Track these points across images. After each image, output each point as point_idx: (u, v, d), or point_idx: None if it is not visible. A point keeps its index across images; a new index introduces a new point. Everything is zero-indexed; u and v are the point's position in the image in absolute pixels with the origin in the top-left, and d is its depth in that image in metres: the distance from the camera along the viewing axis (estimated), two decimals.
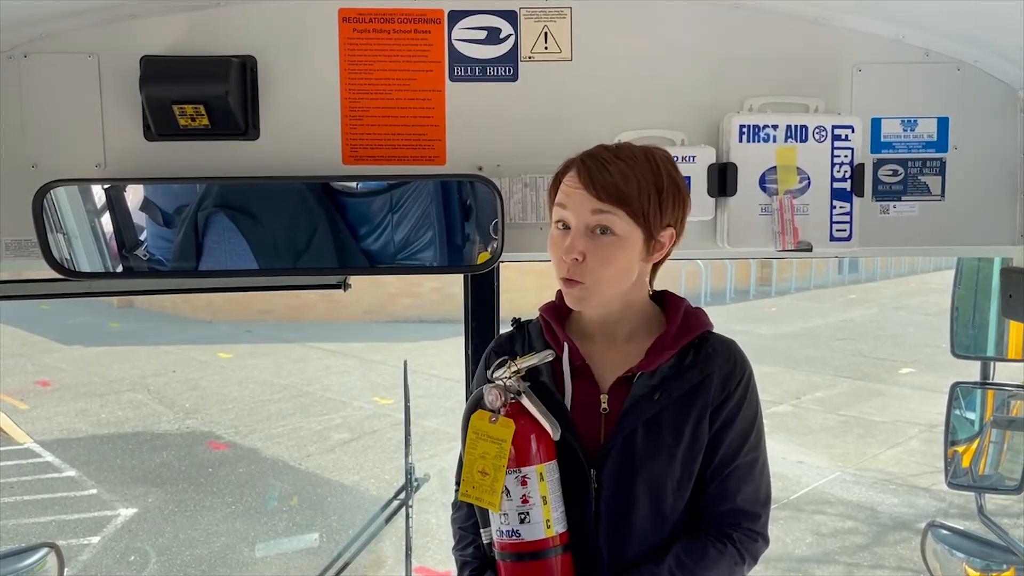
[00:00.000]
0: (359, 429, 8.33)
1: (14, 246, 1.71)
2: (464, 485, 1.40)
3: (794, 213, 1.72)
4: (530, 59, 1.76)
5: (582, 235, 1.36)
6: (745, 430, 1.44)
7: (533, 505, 1.35)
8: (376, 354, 11.74)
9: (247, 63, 1.70)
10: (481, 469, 1.37)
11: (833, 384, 10.18)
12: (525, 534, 1.36)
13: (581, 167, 1.38)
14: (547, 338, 1.48)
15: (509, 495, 1.36)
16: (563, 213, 1.38)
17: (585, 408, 1.43)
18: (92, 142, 1.71)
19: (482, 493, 1.38)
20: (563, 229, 1.39)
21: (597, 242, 1.36)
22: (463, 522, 1.54)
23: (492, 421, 1.37)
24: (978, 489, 2.33)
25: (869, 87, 1.79)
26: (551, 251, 1.41)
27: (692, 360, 1.43)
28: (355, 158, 1.75)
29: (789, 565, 5.55)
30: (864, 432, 8.41)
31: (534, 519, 1.35)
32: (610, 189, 1.35)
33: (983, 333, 2.26)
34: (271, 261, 1.72)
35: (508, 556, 1.38)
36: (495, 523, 1.39)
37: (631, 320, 1.46)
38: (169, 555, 5.64)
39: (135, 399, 9.47)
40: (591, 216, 1.35)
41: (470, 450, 1.39)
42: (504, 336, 1.56)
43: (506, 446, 1.35)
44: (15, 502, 6.49)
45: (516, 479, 1.36)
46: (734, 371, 1.44)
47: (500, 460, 1.36)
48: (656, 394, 1.39)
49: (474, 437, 1.39)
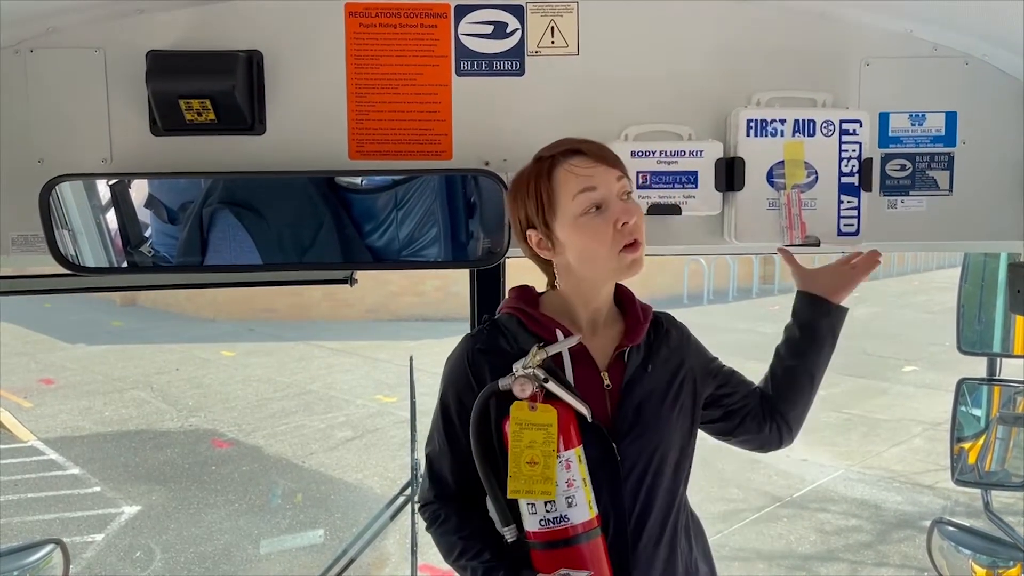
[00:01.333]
0: (362, 427, 8.32)
1: (20, 241, 1.71)
2: (512, 483, 1.38)
3: (802, 208, 1.72)
4: (537, 54, 1.75)
5: (621, 203, 1.45)
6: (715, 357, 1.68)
7: (577, 488, 1.39)
8: (379, 352, 11.74)
9: (253, 58, 1.69)
10: (529, 460, 1.37)
11: (837, 382, 10.15)
12: (572, 517, 1.38)
13: (586, 148, 1.47)
14: (532, 329, 1.49)
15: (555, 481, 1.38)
16: (594, 195, 1.43)
17: (590, 387, 1.48)
18: (98, 137, 1.71)
19: (533, 484, 1.37)
20: (596, 212, 1.44)
21: (631, 204, 1.47)
22: (459, 532, 1.49)
23: (532, 409, 1.38)
24: (984, 486, 2.33)
25: (877, 81, 1.78)
26: (592, 235, 1.44)
27: (655, 333, 1.58)
28: (361, 153, 1.75)
29: (793, 563, 5.55)
30: (868, 430, 8.40)
31: (579, 501, 1.38)
32: (613, 156, 1.49)
33: (990, 329, 2.25)
34: (277, 256, 1.72)
35: (556, 543, 1.38)
36: (537, 513, 1.39)
37: (609, 306, 1.56)
38: (173, 552, 5.65)
39: (138, 397, 9.48)
40: (617, 184, 1.45)
41: (515, 443, 1.38)
42: (485, 333, 1.53)
43: (553, 431, 1.37)
44: (19, 499, 6.50)
45: (562, 464, 1.38)
46: (684, 333, 1.64)
47: (549, 446, 1.37)
48: (648, 364, 1.52)
49: (517, 429, 1.38)
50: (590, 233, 1.43)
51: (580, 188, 1.43)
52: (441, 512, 1.52)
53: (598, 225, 1.42)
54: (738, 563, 5.46)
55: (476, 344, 1.51)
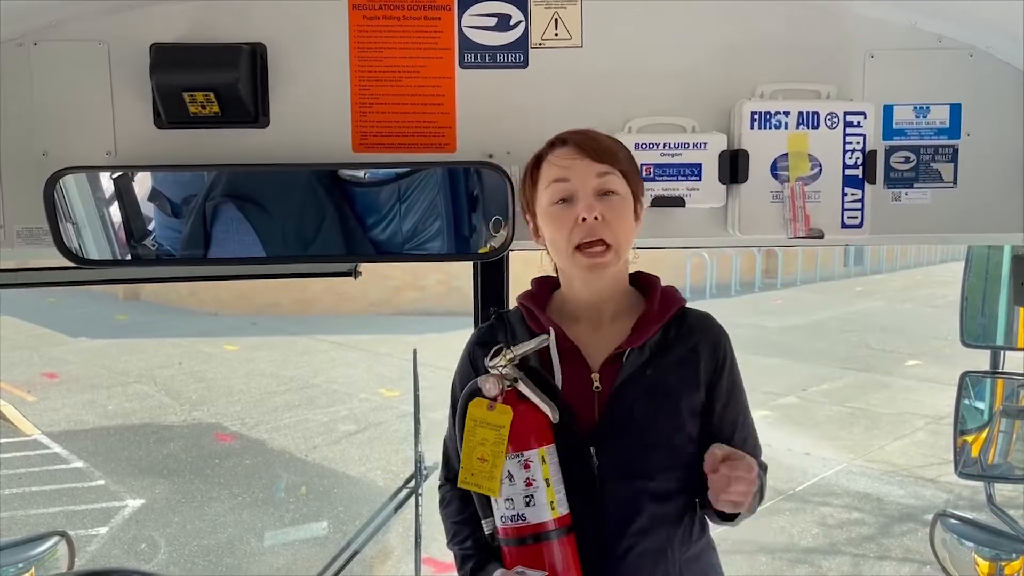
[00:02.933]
0: (365, 421, 8.34)
1: (25, 234, 1.71)
2: (463, 473, 1.42)
3: (805, 200, 1.72)
4: (540, 46, 1.75)
5: (592, 199, 1.40)
6: (741, 391, 1.54)
7: (537, 488, 1.38)
8: (382, 347, 11.75)
9: (257, 50, 1.69)
10: (480, 456, 1.39)
11: (839, 376, 10.16)
12: (530, 517, 1.38)
13: (572, 139, 1.44)
14: (531, 325, 1.50)
15: (512, 480, 1.38)
16: (564, 187, 1.42)
17: (577, 388, 1.45)
18: (102, 130, 1.71)
19: (481, 480, 1.39)
20: (563, 204, 1.42)
21: (607, 203, 1.41)
22: (455, 516, 1.55)
23: (490, 408, 1.39)
24: (987, 478, 2.33)
25: (881, 73, 1.77)
26: (555, 227, 1.43)
27: (676, 334, 1.49)
28: (365, 146, 1.75)
29: (795, 556, 5.55)
30: (870, 424, 8.40)
31: (538, 502, 1.38)
32: (607, 153, 1.43)
33: (993, 322, 2.25)
34: (280, 249, 1.72)
35: (514, 540, 1.40)
36: (499, 510, 1.41)
37: (616, 300, 1.51)
38: (177, 545, 5.67)
39: (142, 391, 9.50)
40: (596, 180, 1.41)
41: (468, 438, 1.41)
42: (484, 328, 1.57)
43: (504, 432, 1.37)
44: (23, 493, 6.53)
45: (519, 463, 1.38)
46: (719, 342, 1.51)
47: (499, 446, 1.38)
48: (647, 369, 1.44)
49: (472, 425, 1.41)
50: (553, 224, 1.43)
51: (553, 178, 1.43)
52: (448, 495, 1.58)
53: (560, 217, 1.41)
54: (740, 556, 5.47)
55: (477, 337, 1.56)
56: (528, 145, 1.74)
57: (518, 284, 1.95)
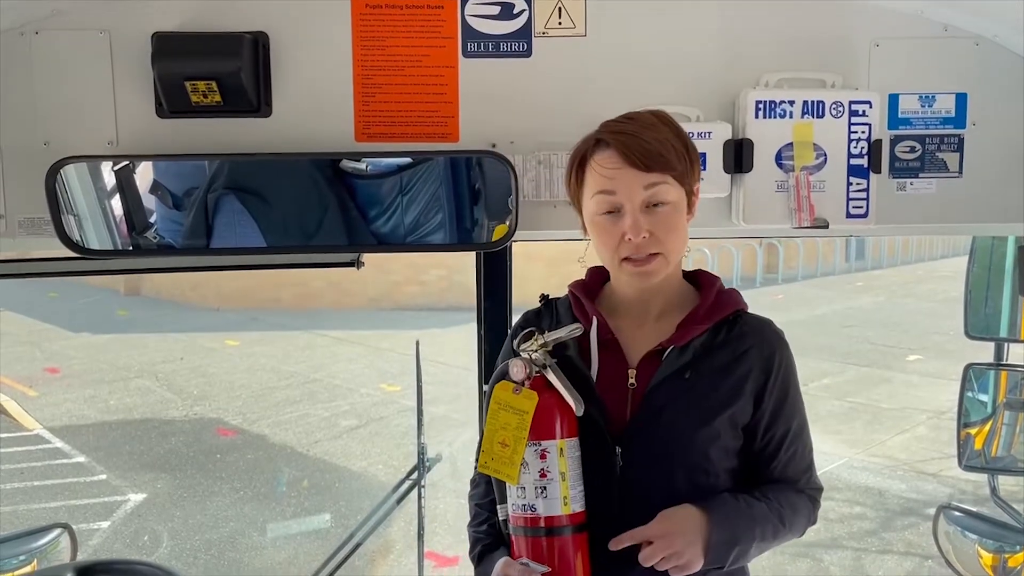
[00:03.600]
0: (366, 416, 8.35)
1: (27, 224, 1.71)
2: (483, 456, 1.39)
3: (810, 190, 1.71)
4: (544, 35, 1.74)
5: (640, 212, 1.34)
6: (796, 407, 1.45)
7: (551, 480, 1.34)
8: (383, 342, 11.75)
9: (259, 39, 1.68)
10: (501, 440, 1.36)
11: (841, 371, 10.16)
12: (541, 509, 1.34)
13: (617, 144, 1.34)
14: (576, 314, 1.47)
15: (527, 468, 1.34)
16: (612, 199, 1.35)
17: (612, 383, 1.40)
18: (104, 120, 1.70)
19: (500, 465, 1.37)
20: (609, 215, 1.36)
21: (656, 215, 1.35)
22: (480, 499, 1.53)
23: (516, 392, 1.36)
24: (991, 471, 2.32)
25: (887, 62, 1.76)
26: (602, 240, 1.38)
27: (725, 338, 1.41)
28: (367, 135, 1.74)
29: (797, 550, 5.55)
30: (872, 418, 8.40)
31: (551, 494, 1.34)
32: (656, 158, 1.33)
33: (997, 314, 2.24)
34: (283, 239, 1.71)
35: (522, 531, 1.37)
36: (512, 497, 1.38)
37: (666, 296, 1.45)
38: (179, 539, 5.68)
39: (143, 386, 9.50)
40: (644, 192, 1.34)
41: (491, 421, 1.38)
42: (532, 312, 1.55)
43: (527, 418, 1.34)
44: (25, 487, 6.53)
45: (536, 452, 1.34)
46: (774, 352, 1.43)
47: (521, 432, 1.34)
48: (687, 372, 1.38)
49: (496, 408, 1.38)
50: (600, 235, 1.38)
51: (598, 189, 1.36)
52: (478, 477, 1.54)
53: (608, 229, 1.36)
54: None
55: (522, 320, 1.54)
56: (532, 135, 1.73)
57: (517, 278, 1.95)
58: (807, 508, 1.46)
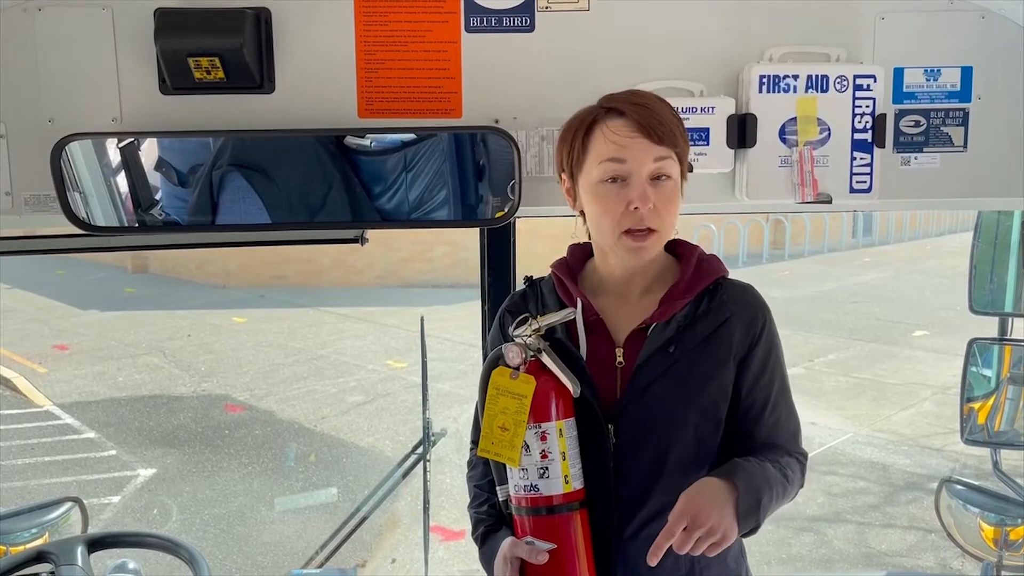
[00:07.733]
0: (373, 392, 8.39)
1: (33, 201, 1.72)
2: (483, 441, 1.41)
3: (814, 165, 1.70)
4: (547, 9, 1.73)
5: (646, 184, 1.34)
6: (778, 370, 1.46)
7: (552, 460, 1.37)
8: (389, 318, 11.78)
9: (261, 15, 1.68)
10: (501, 425, 1.38)
11: (847, 347, 10.16)
12: (543, 489, 1.37)
13: (633, 113, 1.34)
14: (560, 294, 1.48)
15: (528, 450, 1.37)
16: (619, 167, 1.34)
17: (600, 363, 1.42)
18: (108, 96, 1.70)
19: (501, 448, 1.39)
20: (613, 183, 1.35)
21: (660, 189, 1.35)
22: (479, 480, 1.55)
23: (513, 377, 1.38)
24: (994, 445, 2.33)
25: (892, 36, 1.75)
26: (603, 208, 1.36)
27: (707, 307, 1.42)
28: (371, 111, 1.74)
29: (800, 524, 5.59)
30: (877, 394, 8.41)
31: (553, 474, 1.37)
32: (667, 133, 1.34)
33: (1001, 289, 2.24)
34: (287, 215, 1.72)
35: (525, 511, 1.40)
36: (513, 478, 1.41)
37: (649, 272, 1.45)
38: (189, 514, 5.74)
39: (151, 363, 9.56)
40: (653, 164, 1.34)
41: (490, 406, 1.40)
42: (517, 295, 1.56)
43: (527, 402, 1.36)
44: (36, 463, 6.61)
45: (536, 434, 1.37)
46: (756, 316, 1.44)
47: (520, 416, 1.37)
48: (671, 346, 1.39)
49: (494, 393, 1.40)
50: (601, 204, 1.36)
51: (607, 156, 1.34)
52: (475, 459, 1.57)
53: (612, 198, 1.35)
54: None
55: (509, 305, 1.55)
56: (534, 110, 1.73)
57: (522, 255, 1.96)
58: (800, 470, 1.48)
